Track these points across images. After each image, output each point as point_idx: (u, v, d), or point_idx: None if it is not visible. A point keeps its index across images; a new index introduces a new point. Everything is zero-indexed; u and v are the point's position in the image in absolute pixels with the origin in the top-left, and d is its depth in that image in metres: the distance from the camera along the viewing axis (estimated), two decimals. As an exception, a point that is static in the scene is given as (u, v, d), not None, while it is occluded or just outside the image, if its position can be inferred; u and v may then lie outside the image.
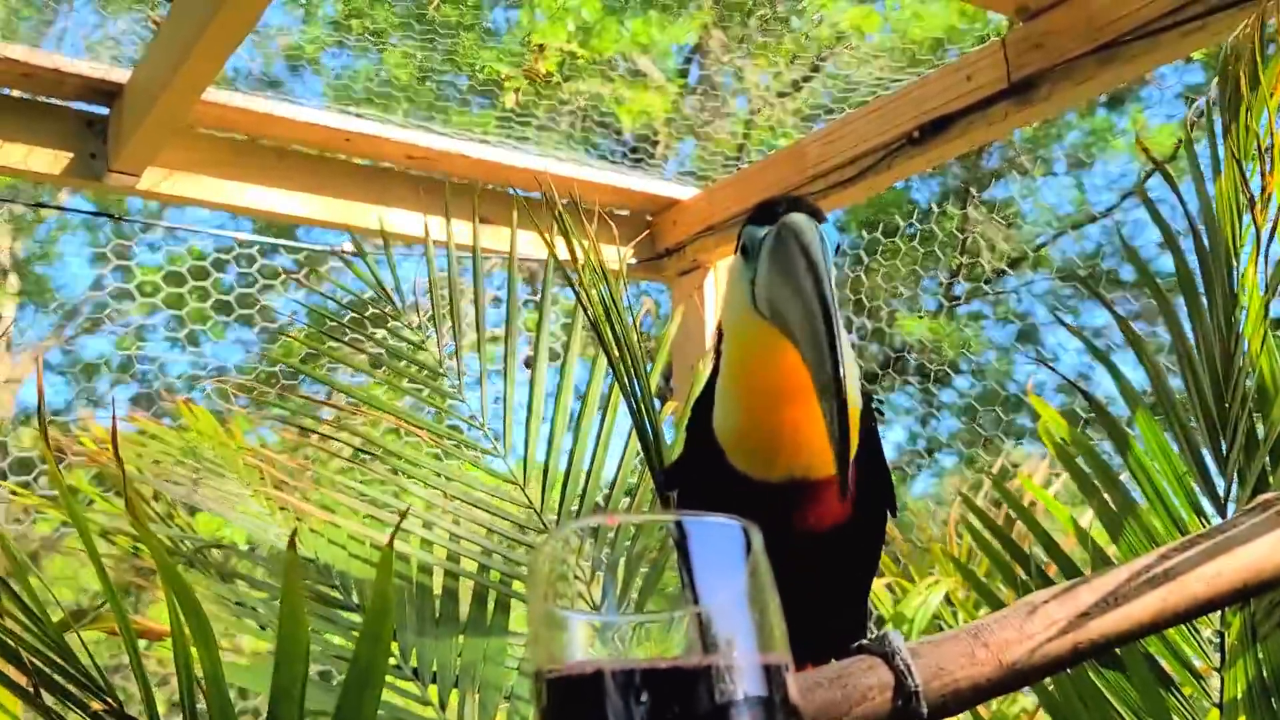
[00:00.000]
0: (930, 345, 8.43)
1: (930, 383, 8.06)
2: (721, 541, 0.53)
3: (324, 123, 2.58)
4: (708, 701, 0.49)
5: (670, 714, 0.49)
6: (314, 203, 2.64)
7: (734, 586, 0.52)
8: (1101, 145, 8.07)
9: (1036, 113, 2.18)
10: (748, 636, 0.51)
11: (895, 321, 8.11)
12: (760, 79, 5.63)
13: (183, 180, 2.51)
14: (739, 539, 0.53)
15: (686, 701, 0.49)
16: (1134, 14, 2.02)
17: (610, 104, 5.11)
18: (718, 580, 0.52)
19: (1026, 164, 8.78)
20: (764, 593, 0.53)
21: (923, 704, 0.90)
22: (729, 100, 5.78)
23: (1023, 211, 8.82)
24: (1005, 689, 0.96)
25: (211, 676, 0.89)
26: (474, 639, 1.70)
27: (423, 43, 4.30)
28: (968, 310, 9.70)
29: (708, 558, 0.52)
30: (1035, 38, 2.15)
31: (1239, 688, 1.29)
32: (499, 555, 1.78)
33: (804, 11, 8.22)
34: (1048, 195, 8.70)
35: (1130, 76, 2.09)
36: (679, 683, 0.50)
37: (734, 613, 0.51)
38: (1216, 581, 0.98)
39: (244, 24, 1.96)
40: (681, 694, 0.50)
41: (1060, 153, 8.67)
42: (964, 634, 0.96)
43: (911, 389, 8.97)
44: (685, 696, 0.50)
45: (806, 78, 5.72)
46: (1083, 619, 0.96)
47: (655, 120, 5.26)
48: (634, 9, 7.60)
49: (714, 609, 0.51)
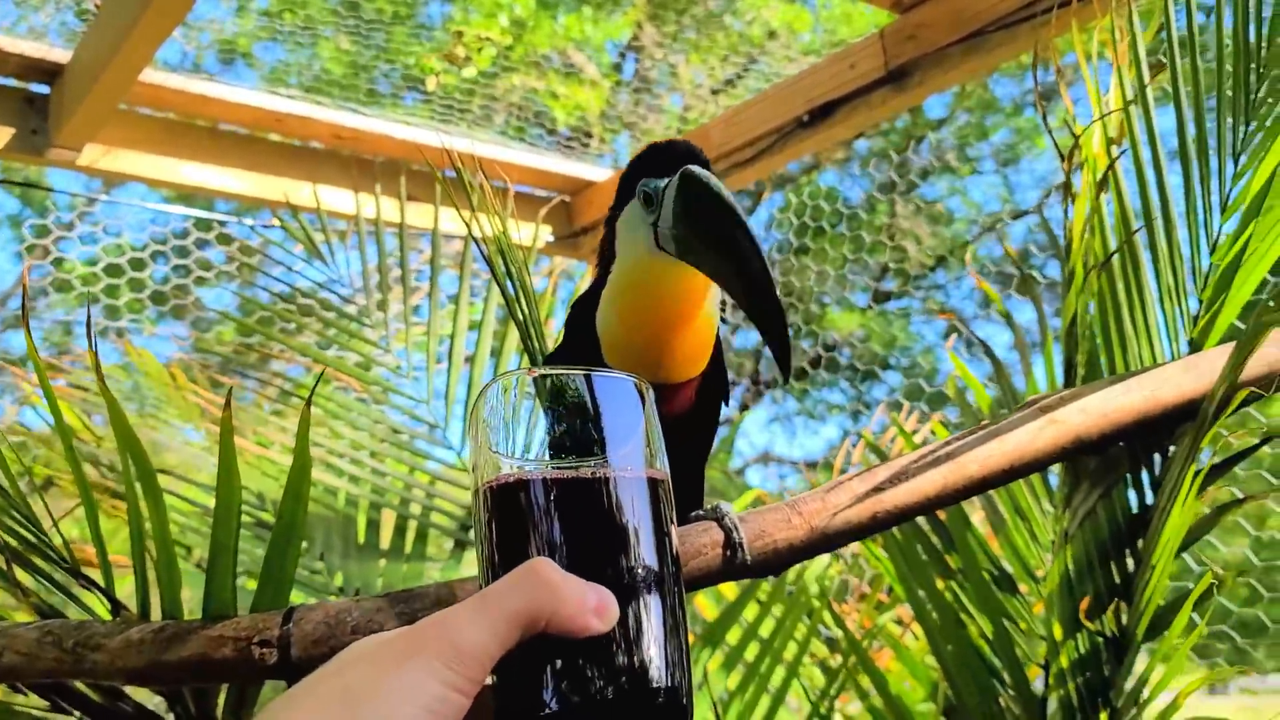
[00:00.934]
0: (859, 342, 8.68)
1: (861, 379, 8.31)
2: (621, 390, 0.69)
3: (256, 103, 2.72)
4: (605, 494, 0.65)
5: (578, 507, 0.65)
6: (247, 179, 2.78)
7: (630, 424, 0.68)
8: (1029, 144, 8.34)
9: (911, 98, 2.39)
10: (638, 456, 0.67)
11: (826, 317, 8.34)
12: (694, 75, 5.77)
13: (121, 157, 2.64)
14: (634, 390, 0.69)
15: (589, 495, 0.65)
16: (994, 7, 2.24)
17: (545, 99, 5.24)
18: (618, 418, 0.68)
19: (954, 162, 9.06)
20: (651, 426, 0.69)
21: (747, 556, 1.10)
22: (664, 96, 5.91)
23: (950, 209, 9.10)
24: (815, 550, 1.15)
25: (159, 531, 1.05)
26: (394, 563, 1.86)
27: (355, 36, 4.42)
28: (897, 306, 9.98)
29: (610, 403, 0.68)
30: (909, 29, 2.36)
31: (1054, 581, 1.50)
32: (420, 490, 1.95)
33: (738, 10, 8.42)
34: (975, 193, 9.00)
35: (994, 65, 2.31)
36: (583, 483, 0.65)
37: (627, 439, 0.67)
38: (989, 463, 1.18)
39: (180, 6, 2.10)
40: (586, 490, 0.65)
41: (988, 151, 8.96)
42: (783, 505, 1.15)
43: (844, 385, 9.21)
44: (589, 492, 0.65)
45: (740, 75, 5.88)
46: (878, 492, 1.16)
47: (590, 115, 5.37)
48: (568, 4, 7.75)
49: (612, 438, 0.67)
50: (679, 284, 1.03)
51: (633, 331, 1.06)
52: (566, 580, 0.62)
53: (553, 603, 0.61)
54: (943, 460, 1.17)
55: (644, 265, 1.04)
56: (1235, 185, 1.26)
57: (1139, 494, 1.36)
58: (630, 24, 7.97)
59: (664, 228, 1.01)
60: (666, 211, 1.01)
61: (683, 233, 1.00)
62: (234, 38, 5.40)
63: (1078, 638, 1.42)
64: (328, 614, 1.15)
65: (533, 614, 0.60)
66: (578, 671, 0.62)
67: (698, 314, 1.06)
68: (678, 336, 1.06)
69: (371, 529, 1.92)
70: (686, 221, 0.99)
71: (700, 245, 0.99)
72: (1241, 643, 3.39)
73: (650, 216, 1.02)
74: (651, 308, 1.05)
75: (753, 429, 9.35)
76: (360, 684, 0.58)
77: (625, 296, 1.06)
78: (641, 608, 0.65)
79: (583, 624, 0.61)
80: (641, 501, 0.67)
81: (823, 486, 1.17)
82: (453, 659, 0.59)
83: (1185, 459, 1.21)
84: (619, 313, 1.07)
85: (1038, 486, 1.48)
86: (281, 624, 1.15)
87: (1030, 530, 1.53)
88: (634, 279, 1.05)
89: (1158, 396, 1.22)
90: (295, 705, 0.58)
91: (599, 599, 0.62)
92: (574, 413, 0.68)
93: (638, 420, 0.69)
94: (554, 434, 0.68)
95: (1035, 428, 1.19)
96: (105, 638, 1.20)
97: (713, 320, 1.10)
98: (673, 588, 0.67)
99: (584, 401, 0.69)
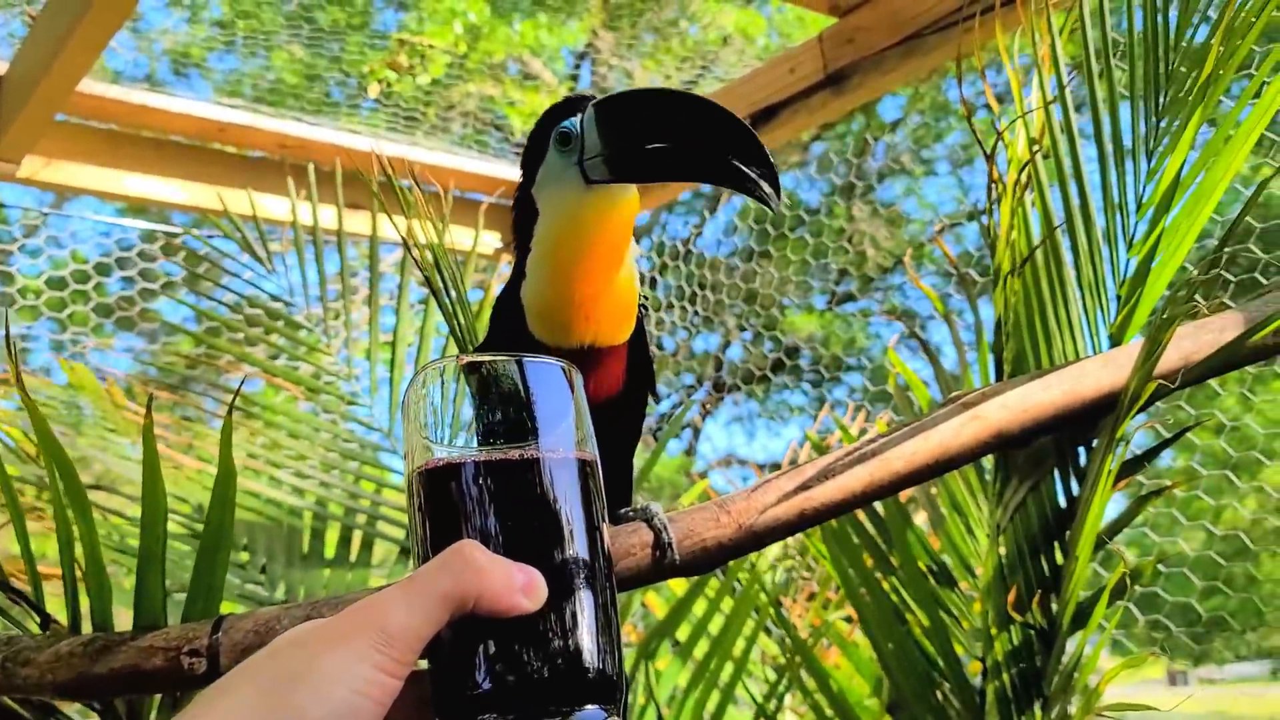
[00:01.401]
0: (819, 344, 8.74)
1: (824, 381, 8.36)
2: (551, 375, 0.70)
3: (199, 114, 2.71)
4: (533, 476, 0.67)
5: (506, 490, 0.66)
6: (190, 189, 2.77)
7: (560, 408, 0.69)
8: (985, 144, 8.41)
9: (850, 101, 2.42)
10: (568, 440, 0.69)
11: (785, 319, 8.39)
12: (651, 81, 5.79)
13: (63, 168, 2.62)
14: (563, 374, 0.71)
15: (518, 477, 0.67)
16: (929, 10, 2.27)
17: (501, 105, 5.24)
18: (548, 402, 0.69)
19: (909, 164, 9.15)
20: (580, 409, 0.71)
21: (676, 555, 1.11)
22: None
23: (905, 210, 9.18)
24: (745, 548, 1.17)
25: (88, 543, 1.05)
26: (339, 571, 1.86)
27: (310, 45, 4.40)
28: (856, 307, 10.05)
29: (540, 387, 0.69)
30: (848, 33, 2.39)
31: (989, 575, 1.52)
32: (365, 499, 1.94)
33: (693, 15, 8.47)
34: (930, 194, 9.08)
35: (930, 67, 2.34)
36: (511, 465, 0.67)
37: (557, 422, 0.69)
38: (913, 459, 1.20)
39: (117, 16, 2.09)
40: (514, 472, 0.67)
41: (942, 152, 9.05)
42: (712, 504, 1.16)
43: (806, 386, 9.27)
44: (517, 474, 0.67)
45: (695, 80, 5.93)
46: (805, 489, 1.17)
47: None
48: (523, 11, 7.74)
49: (542, 422, 0.68)
50: (614, 215, 1.02)
51: (567, 284, 1.04)
52: (493, 560, 0.63)
53: (479, 583, 0.61)
54: (869, 457, 1.19)
55: (576, 204, 1.02)
56: (1149, 183, 1.29)
57: (1065, 487, 1.39)
58: (586, 30, 7.99)
59: (590, 157, 1.00)
60: (590, 139, 0.99)
61: (616, 143, 0.98)
62: (186, 47, 5.36)
63: (1011, 630, 1.44)
64: (257, 622, 1.15)
65: (460, 594, 0.61)
66: (508, 651, 0.63)
67: (626, 251, 1.05)
68: (610, 286, 1.05)
69: (316, 538, 1.91)
70: (617, 128, 0.98)
71: (639, 139, 0.98)
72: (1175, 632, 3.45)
73: (572, 157, 1.01)
74: (590, 246, 1.03)
75: (715, 432, 9.38)
76: (291, 668, 0.59)
77: (560, 244, 1.04)
78: (572, 587, 0.65)
79: (510, 603, 0.62)
80: (570, 483, 0.68)
81: (751, 485, 1.18)
82: (381, 641, 0.60)
83: (1104, 452, 1.23)
84: (552, 266, 1.04)
85: (973, 481, 1.51)
86: (211, 633, 1.15)
87: (967, 525, 1.55)
88: (568, 222, 1.03)
89: (1077, 391, 1.25)
90: (227, 691, 0.59)
91: (526, 578, 0.63)
92: (504, 398, 0.69)
93: (567, 404, 0.70)
94: (485, 419, 0.69)
95: (958, 424, 1.21)
96: (34, 652, 1.20)
97: (634, 285, 1.09)
98: (603, 568, 0.68)
99: (514, 386, 0.70)
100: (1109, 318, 1.37)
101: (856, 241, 8.26)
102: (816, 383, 8.49)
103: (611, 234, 1.03)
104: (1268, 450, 3.32)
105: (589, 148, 1.00)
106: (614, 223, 1.03)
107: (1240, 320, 1.23)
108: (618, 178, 1.00)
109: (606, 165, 1.00)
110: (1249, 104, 1.23)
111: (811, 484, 1.18)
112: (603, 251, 1.04)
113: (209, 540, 1.09)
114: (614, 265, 1.05)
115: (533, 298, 1.07)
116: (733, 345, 9.07)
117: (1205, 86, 1.23)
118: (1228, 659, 7.10)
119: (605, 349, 1.08)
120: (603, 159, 1.00)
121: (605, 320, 1.06)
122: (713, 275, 5.08)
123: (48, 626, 1.24)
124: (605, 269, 1.04)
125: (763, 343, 8.04)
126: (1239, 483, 3.23)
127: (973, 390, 1.27)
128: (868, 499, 1.21)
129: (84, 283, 3.54)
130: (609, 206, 1.02)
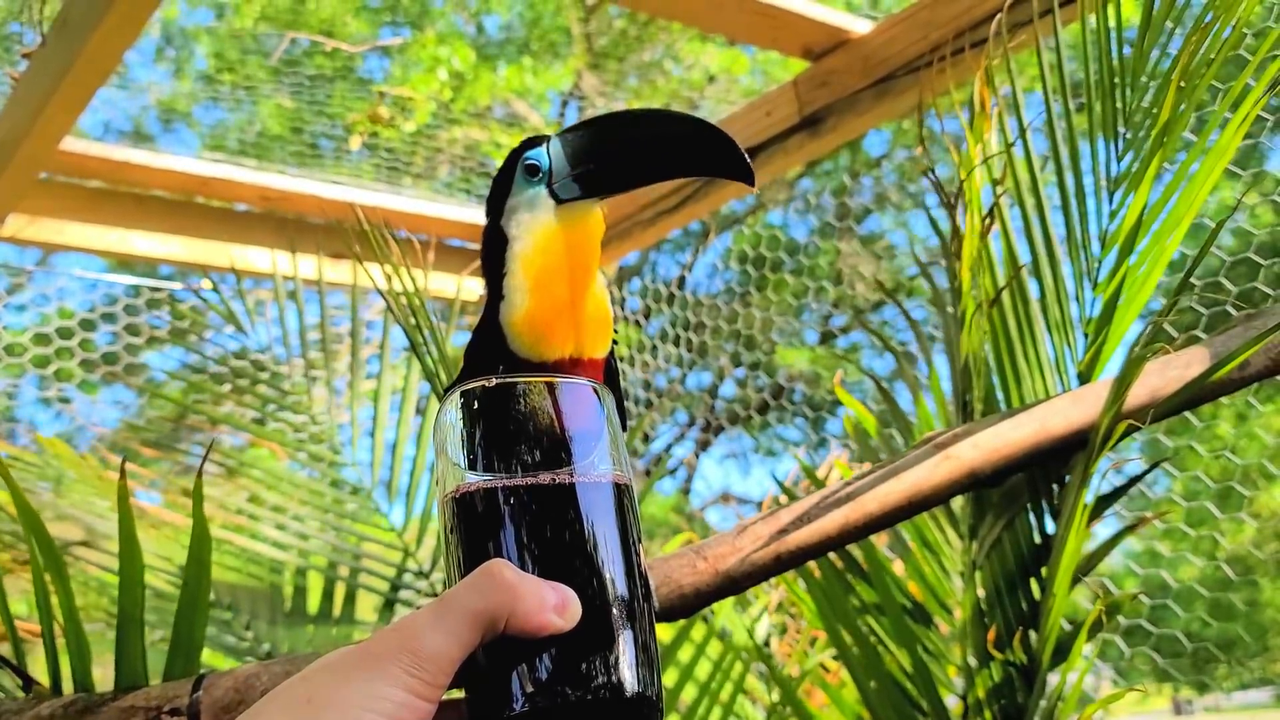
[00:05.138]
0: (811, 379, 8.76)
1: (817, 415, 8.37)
2: (581, 395, 0.71)
3: (180, 168, 2.73)
4: (566, 499, 0.66)
5: (539, 512, 0.66)
6: (173, 243, 2.78)
7: (591, 429, 0.69)
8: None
9: (825, 143, 2.45)
10: (601, 461, 0.68)
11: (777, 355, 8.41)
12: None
13: (46, 225, 2.64)
14: (593, 394, 0.71)
15: (550, 499, 0.66)
16: (900, 54, 2.31)
17: (488, 150, 5.29)
18: (578, 423, 0.69)
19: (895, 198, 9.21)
20: (615, 430, 0.71)
21: (654, 602, 1.12)
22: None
23: (893, 243, 9.23)
24: (722, 593, 1.17)
25: (66, 605, 1.06)
26: (324, 626, 1.86)
27: (295, 94, 4.44)
28: (847, 342, 10.09)
29: (571, 408, 0.70)
30: (821, 76, 2.42)
31: (967, 611, 1.53)
32: (348, 552, 1.94)
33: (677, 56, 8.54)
34: (918, 227, 9.15)
35: (903, 109, 2.38)
36: (543, 489, 0.66)
37: (588, 443, 0.69)
38: (887, 500, 1.21)
39: (98, 76, 2.11)
40: (546, 496, 0.66)
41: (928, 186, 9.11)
42: (688, 551, 1.17)
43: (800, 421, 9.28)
44: (550, 496, 0.66)
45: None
46: (782, 534, 1.18)
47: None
48: (508, 55, 7.81)
49: (574, 443, 0.68)
50: (586, 227, 1.04)
51: (548, 290, 1.05)
52: (523, 579, 0.62)
53: (510, 601, 0.60)
54: (843, 501, 1.20)
55: (550, 219, 1.04)
56: (1113, 221, 1.31)
57: (1040, 522, 1.40)
58: (571, 73, 8.07)
59: (560, 179, 1.03)
60: (559, 163, 1.02)
61: (584, 163, 1.02)
62: (173, 99, 5.42)
63: (991, 666, 1.44)
64: (237, 679, 1.15)
65: (491, 614, 0.60)
66: (544, 671, 0.62)
67: (597, 267, 1.08)
68: (588, 294, 1.06)
69: (299, 594, 1.91)
70: (583, 149, 1.01)
71: (605, 155, 1.02)
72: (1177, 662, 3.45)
73: (540, 184, 1.04)
74: (568, 252, 1.05)
75: (710, 469, 9.38)
76: (321, 692, 0.58)
77: (538, 253, 1.05)
78: (609, 607, 0.65)
79: (542, 621, 0.61)
80: (605, 505, 0.68)
81: (729, 530, 1.19)
82: (413, 665, 0.59)
83: (1077, 488, 1.24)
84: (534, 276, 1.05)
85: (942, 520, 1.52)
86: (191, 691, 1.15)
87: (940, 563, 1.56)
88: (544, 234, 1.05)
89: (1047, 429, 1.26)
90: (258, 716, 0.58)
91: (559, 597, 0.62)
92: (535, 420, 0.69)
93: (598, 425, 0.70)
94: (516, 442, 0.68)
95: (931, 464, 1.22)
96: (15, 715, 1.20)
97: (608, 303, 1.12)
98: (640, 589, 0.68)
99: (545, 407, 0.70)
100: (1077, 355, 1.38)
101: (845, 276, 8.31)
102: (809, 418, 8.51)
103: (586, 244, 1.06)
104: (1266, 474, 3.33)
105: (557, 173, 1.03)
106: (587, 234, 1.06)
107: (1206, 356, 1.25)
108: (590, 193, 1.03)
109: (577, 183, 1.03)
110: (1209, 140, 1.25)
111: (788, 529, 1.19)
112: (580, 259, 1.06)
113: (186, 600, 1.09)
114: (590, 274, 1.07)
115: (514, 312, 1.06)
116: (725, 382, 9.09)
117: (1166, 125, 1.26)
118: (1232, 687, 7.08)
119: (585, 361, 1.10)
120: (572, 178, 1.03)
121: (586, 329, 1.07)
122: (702, 313, 5.10)
123: (30, 688, 1.24)
124: (583, 276, 1.06)
125: (755, 379, 8.06)
126: (1235, 510, 3.24)
127: (944, 431, 1.28)
128: (843, 541, 1.22)
129: (69, 338, 3.54)
130: (582, 218, 1.05)
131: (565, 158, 1.03)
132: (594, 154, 1.03)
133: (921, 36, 2.27)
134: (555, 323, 1.04)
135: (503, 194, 1.08)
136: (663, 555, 1.17)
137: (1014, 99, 1.40)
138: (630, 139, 1.03)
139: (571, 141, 1.04)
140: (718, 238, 9.08)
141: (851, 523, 1.21)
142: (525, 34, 8.67)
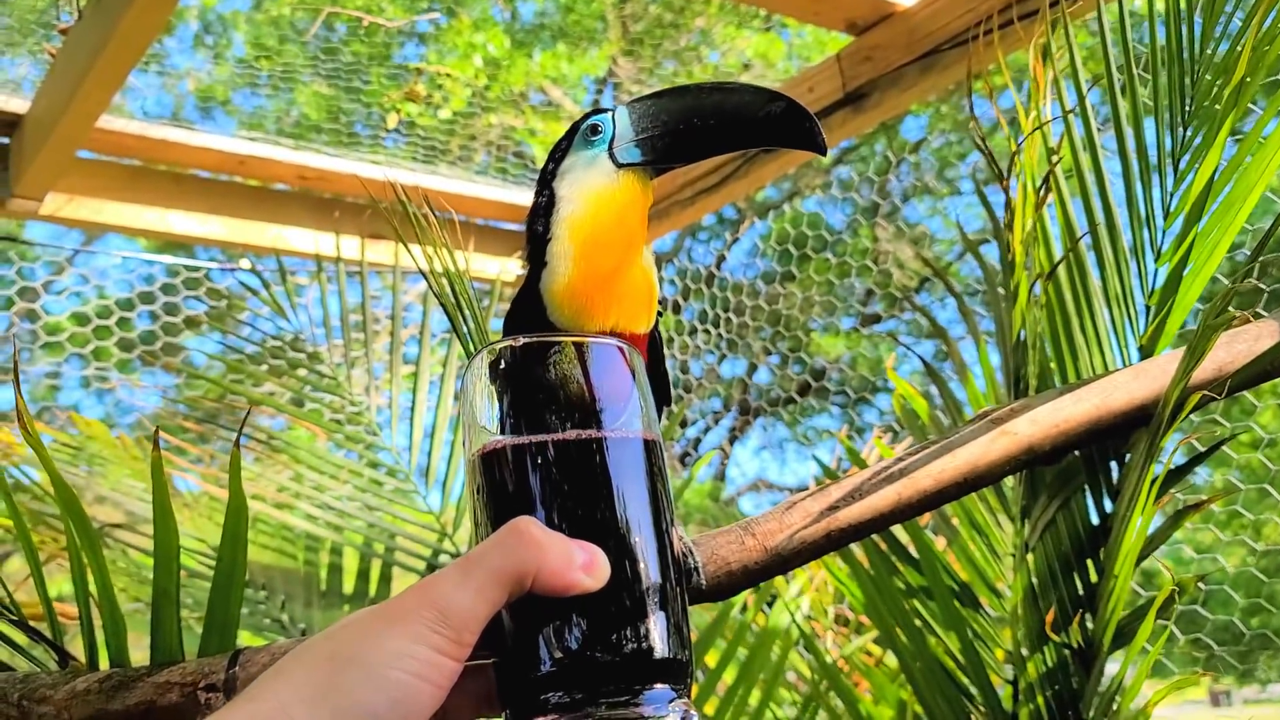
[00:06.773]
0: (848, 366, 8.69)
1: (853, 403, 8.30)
2: (609, 355, 0.70)
3: (218, 147, 2.73)
4: (594, 455, 0.65)
5: (567, 469, 0.65)
6: (211, 223, 2.78)
7: (618, 387, 0.69)
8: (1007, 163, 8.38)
9: (870, 119, 2.40)
10: (630, 419, 0.68)
11: (812, 341, 8.35)
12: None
13: (84, 204, 2.64)
14: (620, 354, 0.70)
15: (578, 457, 0.65)
16: (946, 26, 2.25)
17: (524, 135, 5.27)
18: (606, 382, 0.68)
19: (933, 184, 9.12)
20: (644, 389, 0.70)
21: (702, 580, 1.09)
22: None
23: (931, 230, 9.14)
24: (771, 571, 1.14)
25: (101, 581, 1.04)
26: (359, 608, 1.85)
27: (333, 80, 4.44)
28: (884, 328, 10.00)
29: (599, 366, 0.69)
30: (865, 51, 2.37)
31: (1018, 594, 1.49)
32: (385, 532, 1.93)
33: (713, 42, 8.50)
34: (955, 214, 9.04)
35: (948, 83, 2.32)
36: (571, 445, 0.65)
37: (617, 401, 0.68)
38: (941, 477, 1.17)
39: (133, 54, 2.10)
40: (574, 452, 0.65)
41: (966, 171, 9.02)
42: (736, 527, 1.14)
43: (835, 409, 9.21)
44: (578, 453, 0.65)
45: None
46: (832, 510, 1.14)
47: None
48: (542, 42, 7.80)
49: (602, 401, 0.67)
50: (637, 196, 1.04)
51: (593, 258, 1.04)
52: (550, 537, 0.60)
53: (537, 558, 0.59)
54: (896, 477, 1.16)
55: (602, 183, 1.03)
56: (1177, 190, 1.26)
57: (1098, 503, 1.35)
58: (606, 59, 8.03)
59: (623, 144, 1.03)
60: (624, 128, 1.02)
61: (649, 129, 1.02)
62: (211, 86, 5.43)
63: (1044, 650, 1.40)
64: (273, 655, 1.13)
65: (517, 571, 0.59)
66: (572, 630, 0.61)
67: (644, 239, 1.06)
68: (633, 265, 1.05)
69: (334, 576, 1.90)
70: (650, 116, 1.02)
71: (673, 122, 1.02)
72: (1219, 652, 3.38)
73: (601, 145, 1.04)
74: (615, 221, 1.04)
75: (744, 457, 9.33)
76: (347, 650, 0.57)
77: (585, 219, 1.04)
78: (637, 566, 0.64)
79: (569, 579, 0.60)
80: (634, 463, 0.67)
81: (778, 506, 1.16)
82: (438, 622, 0.58)
83: (1142, 465, 1.20)
84: (579, 242, 1.04)
85: (992, 501, 1.47)
86: (228, 667, 1.13)
87: (990, 545, 1.51)
88: (594, 199, 1.04)
89: (1108, 404, 1.21)
90: (283, 673, 0.58)
91: (587, 556, 0.61)
92: (564, 379, 0.68)
93: (627, 384, 0.70)
94: (544, 401, 0.67)
95: (987, 440, 1.18)
96: (50, 689, 1.18)
97: (653, 277, 1.09)
98: (670, 548, 0.66)
99: (574, 366, 0.69)
100: (1138, 330, 1.34)
101: (882, 262, 8.24)
102: (846, 405, 8.44)
103: (636, 213, 1.05)
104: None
105: (621, 136, 1.03)
106: (639, 203, 1.05)
107: (1276, 329, 1.20)
108: (651, 158, 1.02)
109: (639, 148, 1.02)
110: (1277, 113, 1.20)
111: (839, 505, 1.15)
112: (628, 228, 1.05)
113: (222, 576, 1.07)
114: (637, 245, 1.05)
115: (556, 280, 1.04)
116: (760, 369, 9.04)
117: (1234, 94, 1.20)
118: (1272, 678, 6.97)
119: (627, 336, 1.07)
120: (635, 143, 1.02)
121: (628, 301, 1.05)
122: (738, 299, 5.07)
123: (66, 664, 1.23)
124: (630, 246, 1.04)
125: (790, 366, 8.01)
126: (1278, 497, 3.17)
127: (1000, 406, 1.24)
128: (895, 518, 1.18)
129: (108, 318, 3.56)
130: (633, 186, 1.04)
131: (630, 124, 1.03)
132: (661, 121, 1.02)
133: (969, 9, 2.22)
134: (597, 294, 1.02)
135: (560, 155, 1.07)
136: (710, 532, 1.13)
137: (1071, 65, 1.35)
138: (698, 107, 1.01)
139: (639, 109, 1.03)
140: (751, 226, 9.02)
141: (905, 499, 1.17)
142: (560, 19, 8.64)
